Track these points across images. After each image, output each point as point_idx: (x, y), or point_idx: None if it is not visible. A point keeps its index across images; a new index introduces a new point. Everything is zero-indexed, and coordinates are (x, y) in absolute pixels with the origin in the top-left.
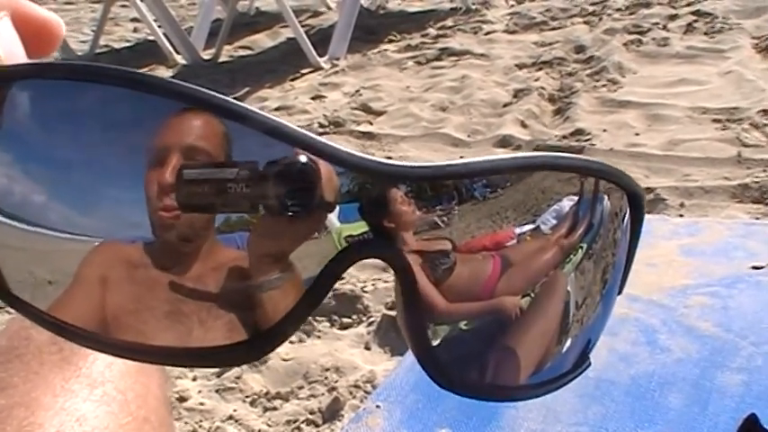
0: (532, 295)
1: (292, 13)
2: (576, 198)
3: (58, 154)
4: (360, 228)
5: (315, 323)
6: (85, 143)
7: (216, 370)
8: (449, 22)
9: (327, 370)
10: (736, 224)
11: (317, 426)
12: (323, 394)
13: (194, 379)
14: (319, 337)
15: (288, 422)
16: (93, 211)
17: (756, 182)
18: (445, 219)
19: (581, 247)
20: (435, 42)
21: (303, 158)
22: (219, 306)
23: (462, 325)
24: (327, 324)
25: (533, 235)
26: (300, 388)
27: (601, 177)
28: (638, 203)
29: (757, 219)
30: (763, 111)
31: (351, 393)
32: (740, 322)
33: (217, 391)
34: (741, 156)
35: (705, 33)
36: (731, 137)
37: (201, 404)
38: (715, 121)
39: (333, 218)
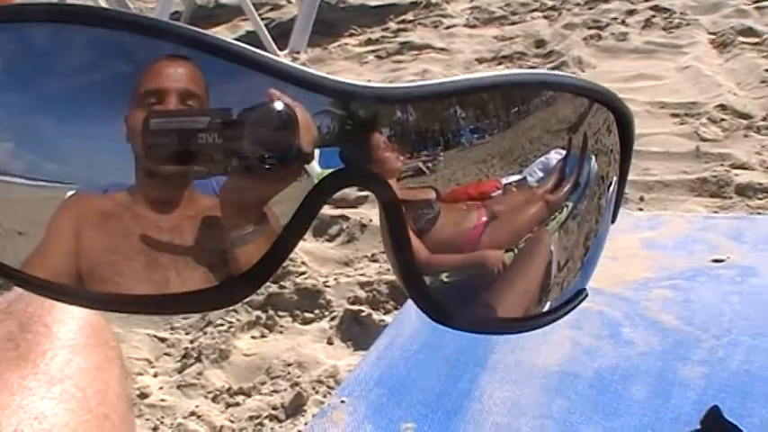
0: (516, 251)
1: (252, 5)
2: (563, 152)
3: (27, 100)
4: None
5: (277, 318)
6: (55, 88)
7: (177, 365)
8: (409, 16)
9: (290, 365)
10: (696, 218)
11: (280, 421)
12: (285, 390)
13: (155, 375)
14: (281, 332)
15: (250, 418)
16: (65, 158)
17: (714, 176)
18: (430, 165)
19: (567, 206)
20: (396, 36)
21: (280, 105)
22: (197, 255)
23: (443, 277)
24: (290, 319)
25: (519, 187)
26: (263, 383)
27: (588, 96)
28: (625, 118)
29: (715, 212)
30: (721, 106)
31: (314, 388)
32: (701, 315)
33: (178, 387)
34: (699, 150)
35: (663, 29)
36: (689, 131)
37: (163, 400)
38: (673, 115)
39: (314, 164)
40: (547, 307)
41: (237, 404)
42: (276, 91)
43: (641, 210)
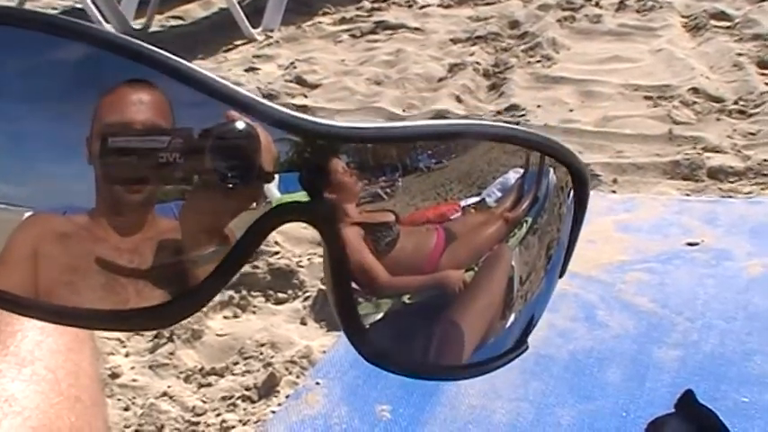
0: (476, 269)
1: None
2: (521, 171)
3: None
4: (301, 198)
5: (250, 298)
6: (9, 105)
7: (149, 345)
8: None
9: (263, 345)
10: (670, 200)
11: (253, 402)
12: (258, 370)
13: (127, 355)
14: (254, 312)
15: (223, 398)
16: (21, 180)
17: (687, 158)
18: (389, 190)
19: (526, 221)
20: (370, 16)
21: (241, 125)
22: (156, 276)
23: (405, 299)
24: (263, 299)
25: (478, 208)
26: (236, 364)
27: (541, 151)
28: (581, 178)
29: (687, 195)
30: (693, 89)
31: (287, 369)
32: (676, 298)
33: (150, 367)
34: (672, 133)
35: (637, 11)
36: (662, 114)
37: (134, 381)
38: (646, 98)
39: (273, 188)
40: (509, 324)
41: (210, 385)
42: (236, 113)
43: (614, 192)
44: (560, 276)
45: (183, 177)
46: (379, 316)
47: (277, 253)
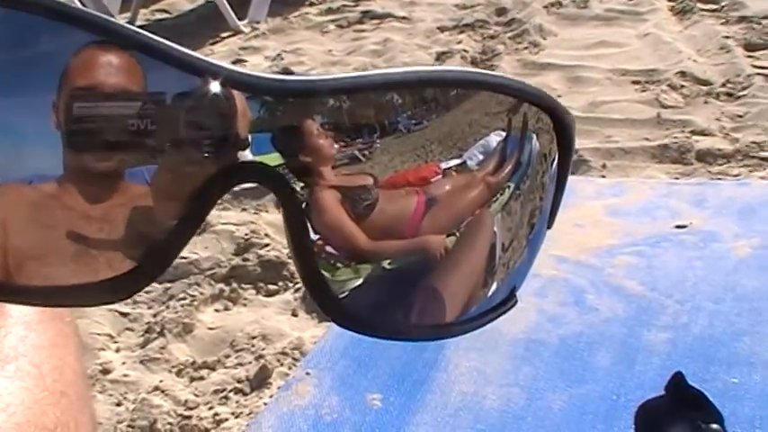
0: (458, 234)
1: None
2: (503, 134)
3: None
4: (275, 160)
5: (241, 291)
6: None
7: (140, 340)
8: None
9: (254, 338)
10: (659, 184)
11: (245, 394)
12: (250, 362)
13: (118, 350)
14: (245, 305)
15: (215, 392)
16: None
17: (675, 142)
18: (366, 152)
19: (508, 187)
20: (357, 5)
21: (217, 88)
22: (122, 246)
23: (386, 264)
24: (253, 291)
25: (459, 171)
26: (227, 357)
27: (516, 96)
28: (562, 122)
29: (677, 178)
30: (681, 72)
31: (278, 361)
32: (665, 281)
33: (141, 362)
34: (660, 117)
35: None
36: (650, 98)
37: (126, 376)
38: (634, 82)
39: (246, 151)
40: (491, 292)
41: (202, 378)
42: (210, 77)
43: (604, 177)
44: (548, 228)
45: (156, 146)
46: (359, 282)
47: (267, 245)
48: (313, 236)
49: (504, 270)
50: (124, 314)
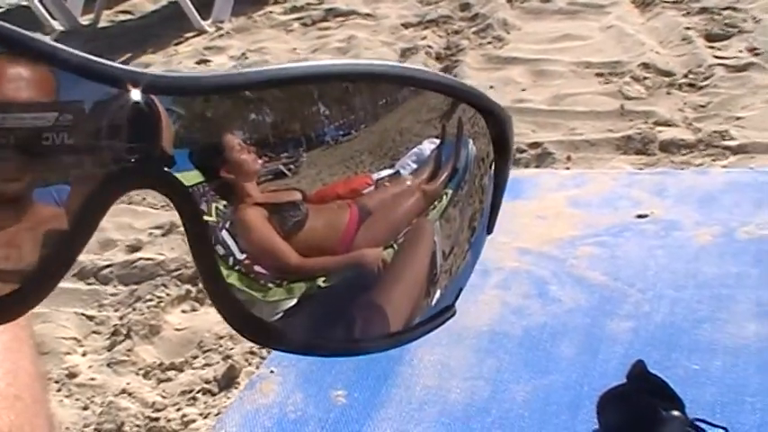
0: (395, 246)
1: None
2: (437, 141)
3: None
4: (195, 178)
5: None
6: None
7: (106, 343)
8: None
9: (222, 338)
10: (620, 174)
11: (214, 394)
12: (218, 362)
13: (84, 354)
14: (212, 305)
15: (183, 392)
16: None
17: (639, 133)
18: (292, 167)
19: (446, 194)
20: (321, 3)
21: (138, 96)
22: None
23: (320, 282)
24: None
25: (393, 181)
26: (195, 357)
27: (445, 93)
28: (499, 123)
29: (641, 169)
30: (644, 64)
31: (246, 360)
32: (627, 270)
33: (108, 365)
34: (624, 108)
35: None
36: (614, 90)
37: (93, 379)
38: (598, 75)
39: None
40: (434, 301)
41: (169, 379)
42: (131, 85)
43: (568, 169)
44: (488, 233)
45: (73, 163)
46: (293, 302)
47: None
48: (240, 255)
49: (447, 276)
50: (90, 317)
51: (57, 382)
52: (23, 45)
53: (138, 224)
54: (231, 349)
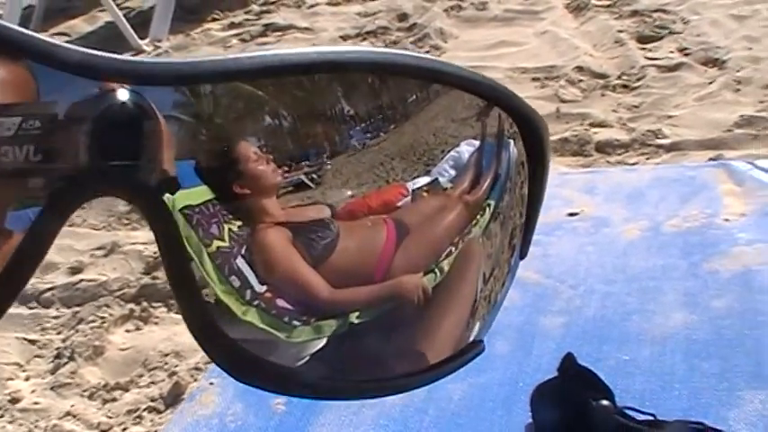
0: (437, 272)
1: None
2: (476, 143)
3: None
4: (202, 195)
5: (151, 309)
6: None
7: (50, 366)
8: None
9: (167, 355)
10: (552, 175)
11: (160, 412)
12: (163, 380)
13: (27, 379)
14: (156, 323)
15: (129, 412)
16: None
17: (575, 135)
18: (315, 176)
19: (488, 206)
20: (259, 18)
21: (125, 95)
22: None
23: (353, 318)
24: (164, 309)
25: (431, 190)
26: (140, 376)
27: (462, 88)
28: (533, 128)
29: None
30: (578, 67)
31: (192, 376)
32: (559, 267)
33: (52, 388)
34: (560, 111)
35: None
36: (550, 94)
37: (36, 403)
38: (534, 79)
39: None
40: (472, 334)
41: (115, 399)
42: (115, 82)
43: None
44: (522, 257)
45: (42, 180)
46: (322, 343)
47: None
48: (259, 287)
49: (487, 305)
50: (32, 341)
51: None
52: None
53: (80, 245)
54: (176, 366)
